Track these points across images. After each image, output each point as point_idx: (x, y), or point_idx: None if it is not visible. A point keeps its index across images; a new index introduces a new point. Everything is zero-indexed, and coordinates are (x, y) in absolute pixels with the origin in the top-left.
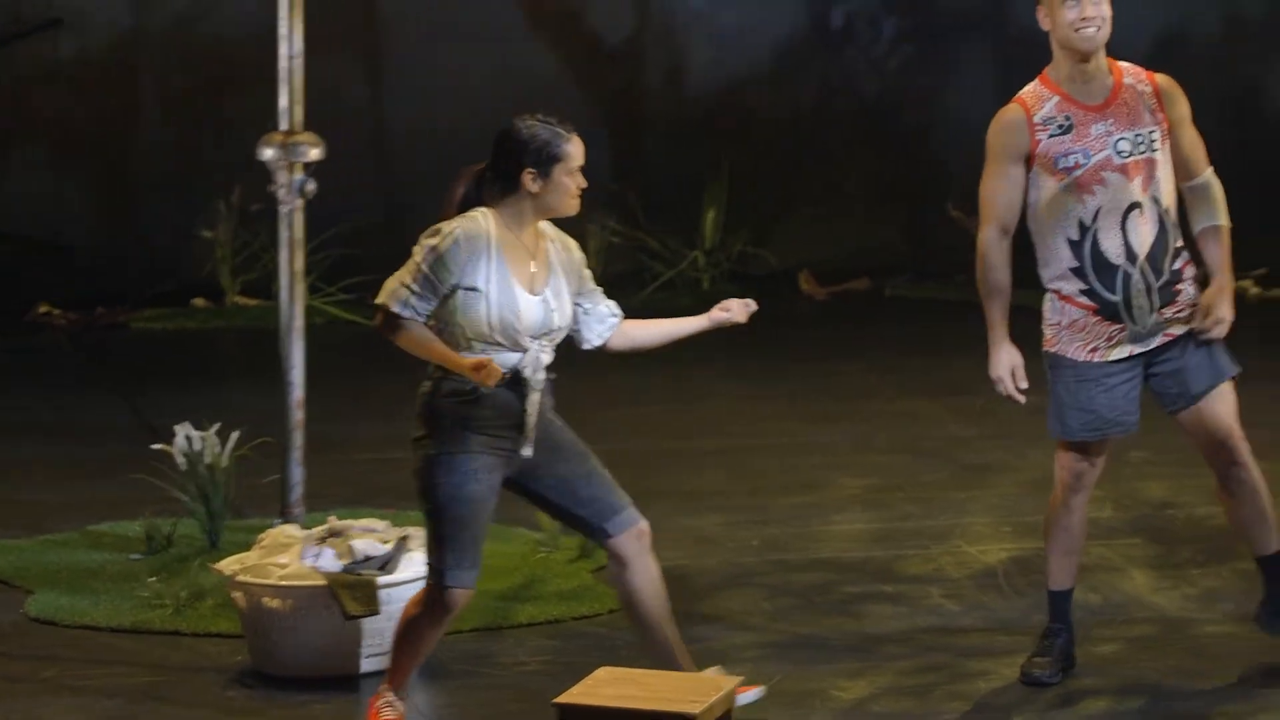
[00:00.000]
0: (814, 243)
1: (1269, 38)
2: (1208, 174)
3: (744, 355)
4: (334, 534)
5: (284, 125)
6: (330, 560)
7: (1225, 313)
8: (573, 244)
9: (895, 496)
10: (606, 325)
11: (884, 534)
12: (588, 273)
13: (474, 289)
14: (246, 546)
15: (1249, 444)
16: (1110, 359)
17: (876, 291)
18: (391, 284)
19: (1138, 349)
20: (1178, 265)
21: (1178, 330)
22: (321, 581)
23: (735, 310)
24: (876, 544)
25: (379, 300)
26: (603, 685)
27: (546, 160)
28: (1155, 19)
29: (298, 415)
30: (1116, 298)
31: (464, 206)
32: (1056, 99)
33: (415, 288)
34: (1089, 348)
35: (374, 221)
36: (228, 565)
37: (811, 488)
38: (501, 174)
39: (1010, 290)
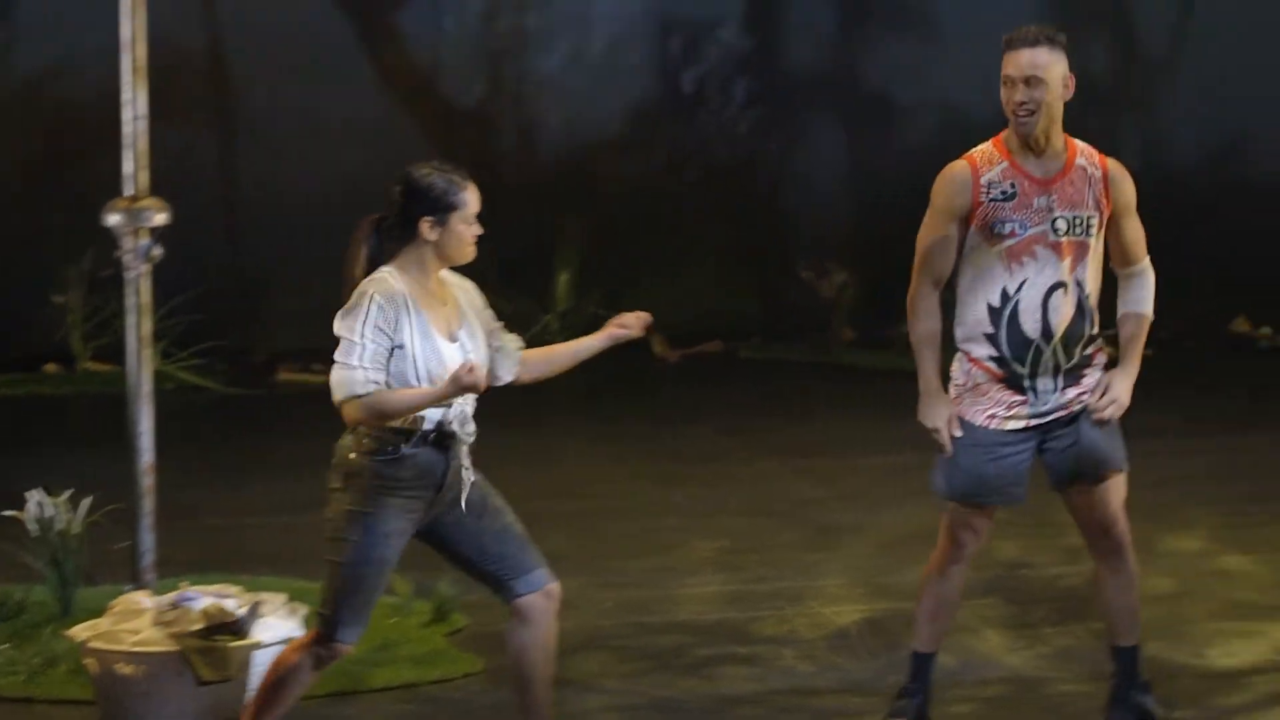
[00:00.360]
0: (667, 305)
1: (1116, 95)
2: (1145, 263)
3: (598, 418)
4: (186, 600)
5: (129, 190)
6: (184, 624)
7: (1121, 394)
8: (470, 285)
9: (749, 558)
10: (514, 359)
11: (738, 596)
12: (489, 311)
13: (400, 346)
14: (99, 613)
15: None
16: (1006, 428)
17: (730, 353)
18: (339, 375)
19: (1034, 421)
20: (1090, 351)
21: (1076, 407)
22: (174, 647)
23: (631, 325)
24: (731, 606)
25: (339, 398)
26: None
27: (444, 208)
28: None
29: (147, 481)
30: (1024, 370)
31: (370, 262)
32: (1006, 165)
33: (366, 364)
34: (987, 413)
35: (226, 286)
36: (80, 631)
37: (666, 550)
38: (400, 222)
39: (940, 339)
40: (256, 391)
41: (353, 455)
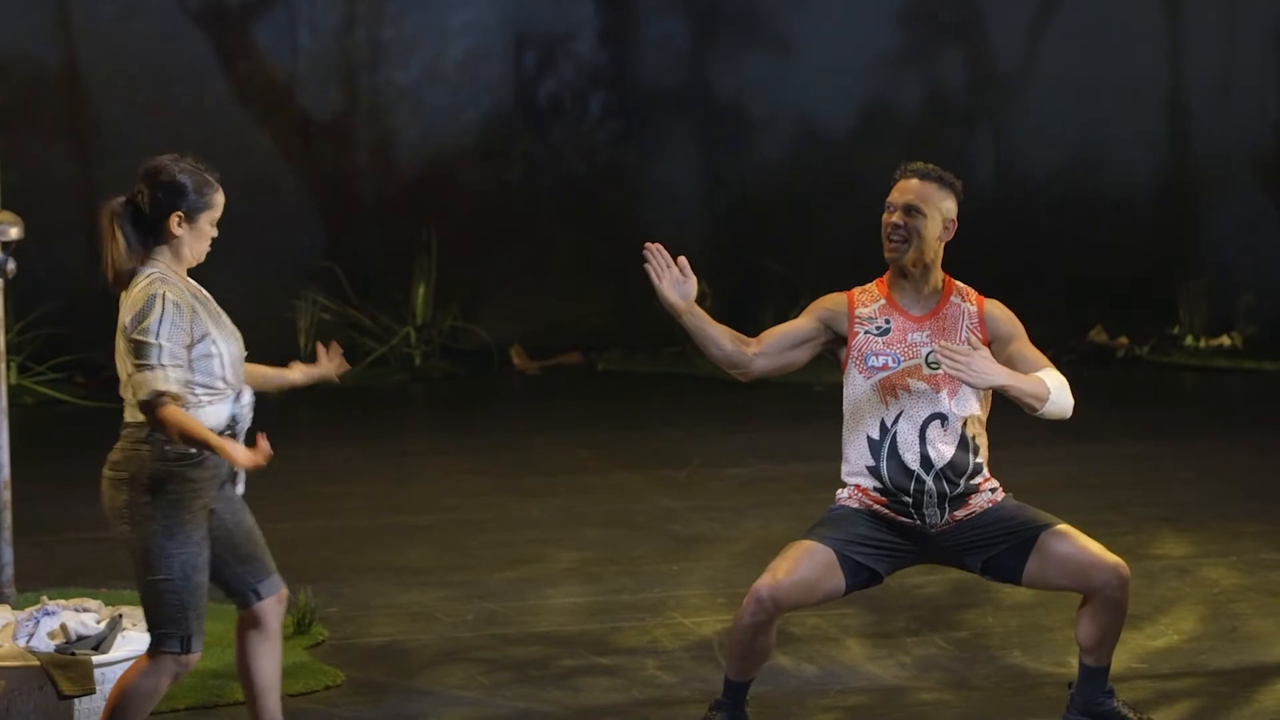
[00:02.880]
0: (525, 317)
1: (971, 112)
2: (1047, 369)
3: (456, 430)
4: (46, 614)
5: None
6: (44, 638)
7: (984, 354)
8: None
9: (609, 570)
10: None
11: (599, 607)
12: None
13: (204, 336)
14: None
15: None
16: (895, 520)
17: (588, 365)
18: (141, 376)
19: (918, 536)
20: (976, 481)
21: (962, 512)
22: (35, 662)
23: (324, 368)
24: (592, 617)
25: (143, 397)
26: None
27: (199, 207)
28: (862, 93)
29: (5, 495)
30: (908, 500)
31: (128, 246)
32: (883, 302)
33: (165, 362)
34: (875, 511)
35: (83, 300)
36: None
37: (526, 562)
38: (151, 213)
39: (723, 339)
40: (114, 405)
41: (158, 463)
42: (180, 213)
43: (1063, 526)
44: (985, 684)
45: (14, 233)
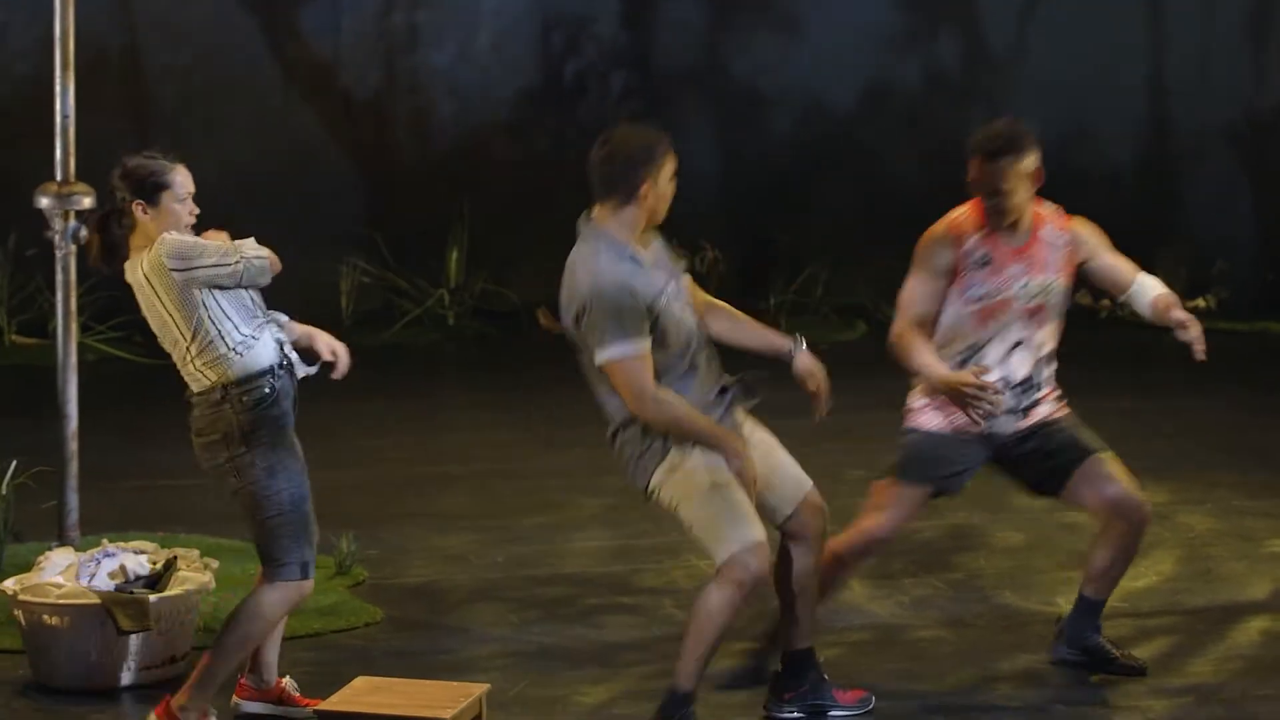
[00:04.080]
0: (550, 281)
1: (965, 89)
2: (1138, 278)
3: (486, 386)
4: (107, 556)
5: (59, 176)
6: (104, 578)
7: (1186, 316)
8: None
9: (630, 516)
10: None
11: (621, 550)
12: None
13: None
14: (27, 568)
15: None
16: (969, 431)
17: None
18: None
19: (992, 439)
20: (1039, 395)
21: (1027, 422)
22: (96, 600)
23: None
24: (614, 559)
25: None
26: (361, 693)
27: (155, 188)
28: (862, 72)
29: (72, 446)
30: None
31: (108, 249)
32: (983, 233)
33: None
34: (950, 422)
35: None
36: (9, 585)
37: (553, 508)
38: (120, 207)
39: (929, 350)
40: (170, 361)
41: (243, 415)
42: (140, 202)
43: (1108, 454)
44: (978, 622)
45: (88, 202)
